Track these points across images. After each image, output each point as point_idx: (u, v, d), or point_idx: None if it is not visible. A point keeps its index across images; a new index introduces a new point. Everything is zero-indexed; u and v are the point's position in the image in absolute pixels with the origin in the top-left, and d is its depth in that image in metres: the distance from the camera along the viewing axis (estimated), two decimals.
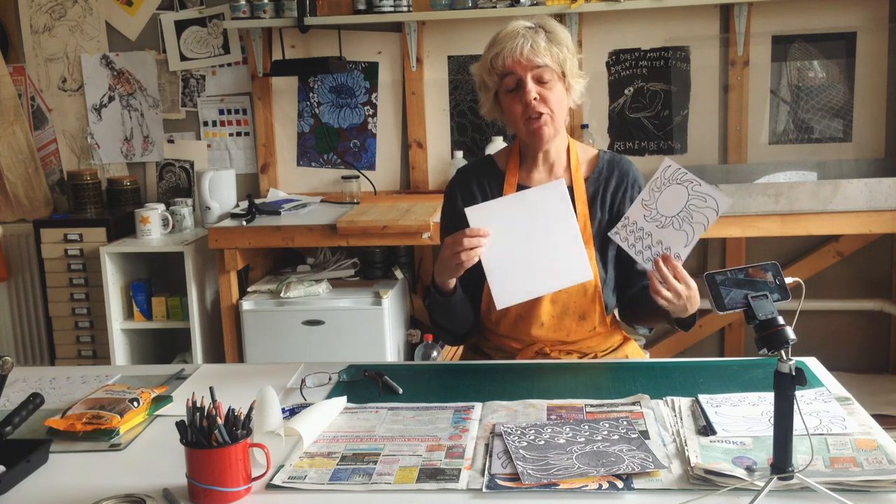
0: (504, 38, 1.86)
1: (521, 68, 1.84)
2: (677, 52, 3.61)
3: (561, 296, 1.91)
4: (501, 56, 1.84)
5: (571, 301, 1.92)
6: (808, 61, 3.57)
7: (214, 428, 1.32)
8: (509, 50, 1.83)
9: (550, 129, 1.88)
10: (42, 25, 3.93)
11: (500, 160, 2.04)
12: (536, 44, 1.83)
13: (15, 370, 1.66)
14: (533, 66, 1.83)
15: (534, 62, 1.83)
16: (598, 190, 1.96)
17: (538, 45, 1.83)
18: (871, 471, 1.31)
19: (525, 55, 1.83)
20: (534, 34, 1.85)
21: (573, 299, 1.91)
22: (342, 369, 1.87)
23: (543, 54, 1.83)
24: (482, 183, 2.01)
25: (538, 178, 1.98)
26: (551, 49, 1.84)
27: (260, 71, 3.78)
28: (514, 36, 1.85)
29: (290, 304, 3.29)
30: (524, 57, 1.83)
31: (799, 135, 3.62)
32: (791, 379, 1.25)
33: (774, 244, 3.61)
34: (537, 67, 1.84)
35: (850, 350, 3.69)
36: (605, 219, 1.95)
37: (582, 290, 1.91)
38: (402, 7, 3.52)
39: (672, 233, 1.71)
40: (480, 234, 1.75)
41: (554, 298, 1.91)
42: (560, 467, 1.35)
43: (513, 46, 1.83)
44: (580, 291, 1.90)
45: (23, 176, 3.94)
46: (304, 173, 3.90)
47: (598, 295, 1.92)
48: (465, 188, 2.02)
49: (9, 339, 4.05)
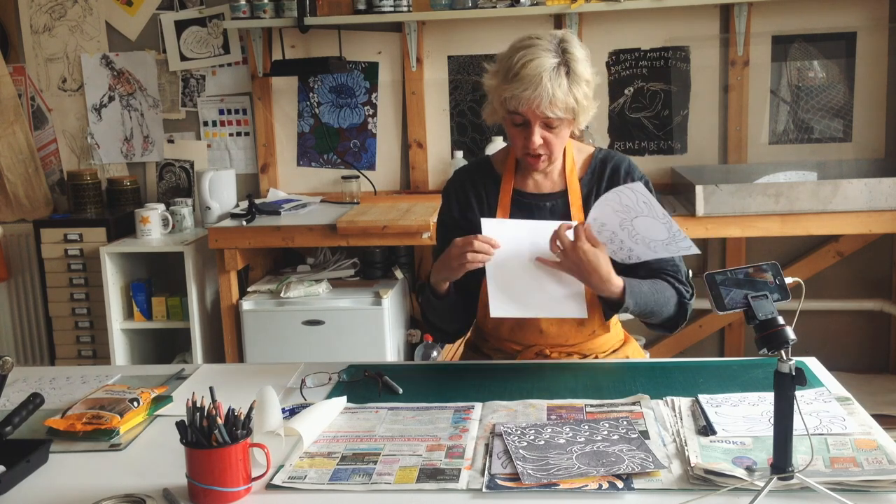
0: (524, 78, 1.77)
1: (532, 115, 1.80)
2: (677, 52, 3.61)
3: None
4: (517, 100, 1.79)
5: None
6: (808, 61, 3.57)
7: (214, 428, 1.32)
8: (527, 98, 1.77)
9: (546, 164, 1.91)
10: (42, 25, 3.93)
11: (498, 162, 2.03)
12: (555, 96, 1.76)
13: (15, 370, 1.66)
14: (545, 116, 1.80)
15: (546, 115, 1.79)
16: (591, 190, 1.95)
17: (556, 98, 1.77)
18: (871, 471, 1.31)
19: (540, 109, 1.78)
20: (556, 77, 1.76)
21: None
22: (342, 369, 1.87)
23: (560, 106, 1.78)
24: (478, 186, 2.00)
25: (534, 183, 1.97)
26: (568, 98, 1.78)
27: (260, 71, 3.78)
28: (536, 81, 1.75)
29: (290, 304, 3.29)
30: (539, 109, 1.78)
31: (799, 135, 3.62)
32: (791, 379, 1.25)
33: (774, 244, 3.61)
34: (549, 118, 1.80)
35: (850, 350, 3.69)
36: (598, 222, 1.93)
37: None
38: (402, 7, 3.52)
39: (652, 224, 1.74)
40: (492, 243, 1.76)
41: None
42: (560, 467, 1.35)
43: (531, 96, 1.76)
44: None
45: (23, 176, 3.94)
46: (304, 173, 3.90)
47: (596, 299, 1.91)
48: (461, 191, 2.02)
49: (9, 339, 4.05)
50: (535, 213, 1.94)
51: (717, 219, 3.07)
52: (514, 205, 1.96)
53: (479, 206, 1.99)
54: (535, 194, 1.96)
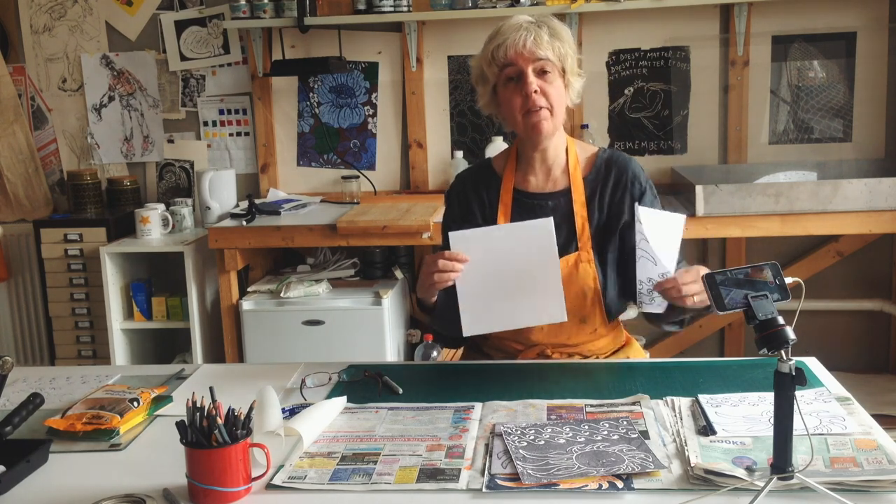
0: (506, 29, 1.87)
1: (522, 60, 1.84)
2: (677, 52, 3.61)
3: None
4: (504, 47, 1.84)
5: (570, 305, 1.90)
6: (808, 61, 3.57)
7: (214, 428, 1.32)
8: (512, 41, 1.84)
9: (549, 125, 1.87)
10: (42, 25, 3.93)
11: (498, 164, 2.02)
12: (539, 37, 1.84)
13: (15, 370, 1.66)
14: (535, 58, 1.83)
15: (536, 54, 1.83)
16: (595, 190, 1.94)
17: (541, 39, 1.84)
18: (871, 471, 1.31)
19: (528, 47, 1.83)
20: (536, 28, 1.85)
21: (572, 303, 1.89)
22: (342, 369, 1.87)
23: (546, 47, 1.84)
24: (479, 189, 1.99)
25: (535, 182, 1.96)
26: (553, 43, 1.85)
27: (260, 71, 3.78)
28: (517, 28, 1.85)
29: (290, 304, 3.29)
30: (527, 49, 1.83)
31: (799, 135, 3.62)
32: (791, 379, 1.25)
33: (774, 244, 3.61)
34: (539, 60, 1.84)
35: (849, 350, 3.69)
36: (602, 219, 1.93)
37: (581, 293, 1.90)
38: (402, 7, 3.52)
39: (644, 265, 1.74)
40: (459, 258, 1.72)
41: None
42: (560, 467, 1.35)
43: (515, 38, 1.84)
44: (580, 295, 1.90)
45: (23, 176, 3.94)
46: (304, 173, 3.90)
47: (599, 298, 1.92)
48: (462, 196, 2.01)
49: (9, 339, 4.05)
50: (537, 213, 1.92)
51: (717, 219, 3.07)
52: (515, 204, 1.95)
53: (480, 209, 1.98)
54: (537, 193, 1.95)
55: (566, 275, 1.89)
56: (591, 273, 1.91)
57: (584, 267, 1.91)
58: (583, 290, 1.90)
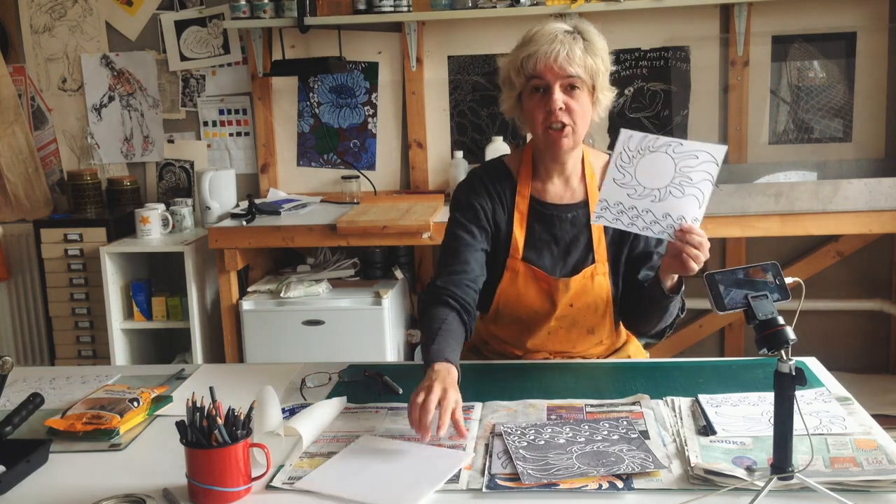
0: (539, 38, 1.76)
1: (551, 74, 1.75)
2: (677, 52, 3.61)
3: (569, 311, 1.89)
4: (534, 58, 1.75)
5: (580, 316, 1.89)
6: (808, 61, 3.57)
7: (214, 428, 1.32)
8: (543, 53, 1.74)
9: (570, 141, 1.80)
10: (42, 25, 3.93)
11: (512, 164, 1.94)
12: (573, 52, 1.74)
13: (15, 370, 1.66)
14: (565, 74, 1.75)
15: (566, 70, 1.75)
16: None
17: (574, 54, 1.74)
18: (871, 471, 1.31)
19: (559, 62, 1.74)
20: (571, 41, 1.75)
21: (582, 315, 1.88)
22: (342, 369, 1.87)
23: (578, 64, 1.75)
24: (493, 189, 1.91)
25: (554, 192, 1.90)
26: (586, 59, 1.76)
27: (260, 71, 3.78)
28: (551, 39, 1.75)
29: (290, 304, 3.29)
30: (557, 64, 1.74)
31: (799, 135, 3.62)
32: (791, 379, 1.25)
33: (774, 244, 3.61)
34: (569, 77, 1.76)
35: (850, 350, 3.69)
36: (616, 231, 1.88)
37: (594, 306, 1.89)
38: (402, 7, 3.51)
39: (677, 201, 1.62)
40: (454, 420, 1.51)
41: (560, 314, 1.89)
42: (560, 467, 1.35)
43: (548, 51, 1.74)
44: (591, 308, 1.88)
45: (23, 176, 3.94)
46: (304, 173, 3.90)
47: (610, 310, 1.90)
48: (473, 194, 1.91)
49: (9, 339, 4.05)
50: (555, 224, 1.88)
51: (717, 219, 3.07)
52: (532, 215, 1.89)
53: (491, 209, 1.90)
54: (556, 205, 1.90)
55: (581, 287, 1.88)
56: (606, 286, 1.89)
57: (600, 280, 1.89)
58: (595, 303, 1.89)
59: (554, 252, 1.89)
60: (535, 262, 1.88)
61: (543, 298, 1.89)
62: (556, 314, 1.89)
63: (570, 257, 1.89)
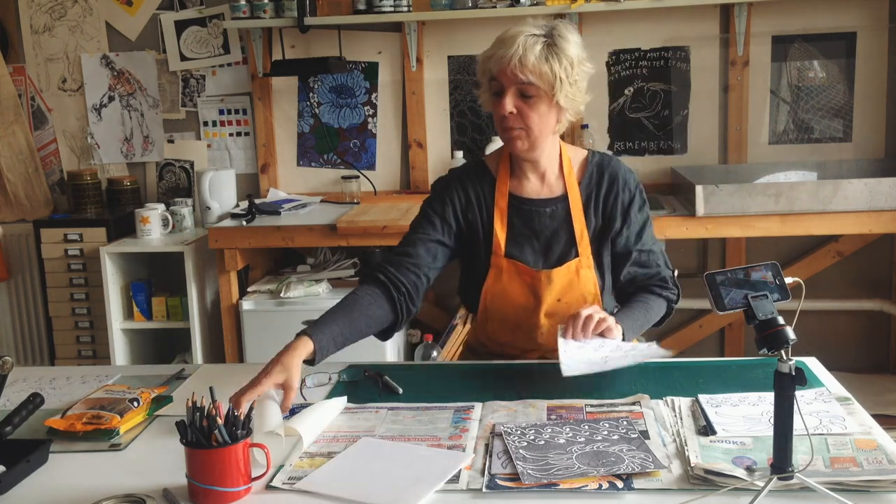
0: (503, 41, 1.79)
1: (505, 78, 1.78)
2: (677, 52, 3.61)
3: (558, 307, 1.90)
4: (492, 61, 1.79)
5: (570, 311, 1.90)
6: (808, 61, 3.57)
7: (214, 428, 1.32)
8: (499, 57, 1.77)
9: (524, 144, 1.84)
10: (42, 25, 3.93)
11: (491, 163, 1.98)
12: (526, 58, 1.74)
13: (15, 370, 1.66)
14: (517, 80, 1.77)
15: (518, 77, 1.76)
16: (590, 195, 1.93)
17: (527, 60, 1.75)
18: (871, 471, 1.31)
19: (510, 67, 1.76)
20: (533, 44, 1.76)
21: (572, 309, 1.89)
22: (342, 369, 1.87)
23: (531, 71, 1.75)
24: (470, 188, 1.94)
25: (531, 188, 1.93)
26: (543, 66, 1.75)
27: (260, 71, 3.78)
28: (511, 42, 1.76)
29: (290, 304, 3.29)
30: (509, 69, 1.76)
31: (799, 135, 3.62)
32: (791, 379, 1.25)
33: (774, 244, 3.60)
34: (522, 83, 1.77)
35: (850, 350, 3.69)
36: (599, 224, 1.93)
37: (582, 299, 1.90)
38: (402, 7, 3.51)
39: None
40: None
41: (549, 310, 1.90)
42: (560, 467, 1.35)
43: (503, 54, 1.76)
44: (580, 302, 1.89)
45: (23, 176, 3.94)
46: (304, 173, 3.90)
47: (598, 303, 1.91)
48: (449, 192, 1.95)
49: (9, 339, 4.05)
50: (534, 219, 1.91)
51: (717, 219, 3.07)
52: (511, 210, 1.92)
53: (468, 208, 1.93)
54: (534, 199, 1.93)
55: (567, 282, 1.89)
56: (592, 279, 1.91)
57: (585, 273, 1.91)
58: (583, 296, 1.90)
59: (535, 246, 1.92)
60: (518, 257, 1.91)
61: (527, 293, 1.91)
62: (545, 310, 1.90)
63: (552, 252, 1.91)
